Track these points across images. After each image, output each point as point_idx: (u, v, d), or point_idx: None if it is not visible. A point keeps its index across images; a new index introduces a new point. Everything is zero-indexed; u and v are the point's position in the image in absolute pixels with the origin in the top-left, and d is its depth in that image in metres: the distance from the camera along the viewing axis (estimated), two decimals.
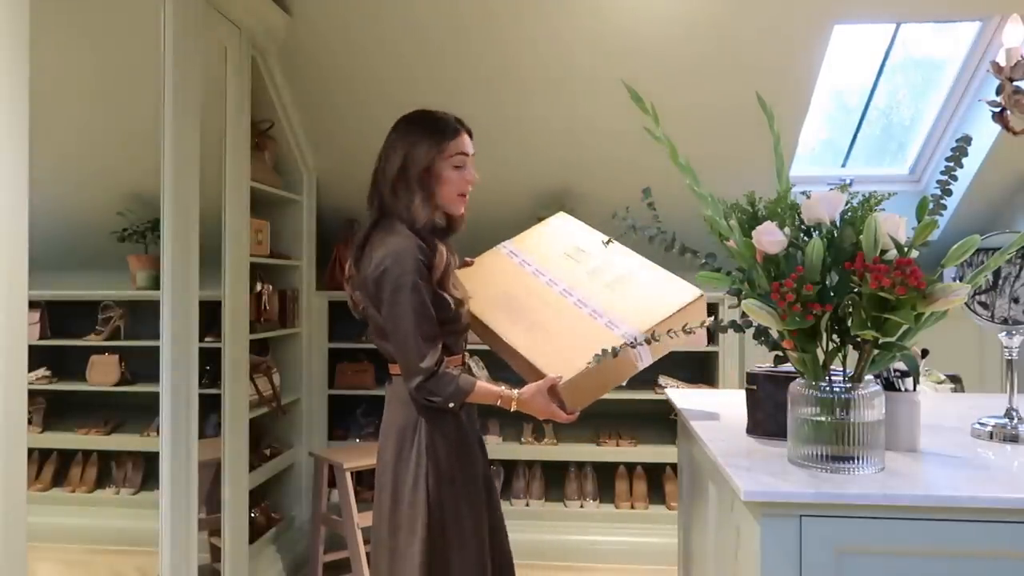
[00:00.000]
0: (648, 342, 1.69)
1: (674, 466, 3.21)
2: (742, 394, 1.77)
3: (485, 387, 1.88)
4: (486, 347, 2.12)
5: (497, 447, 3.68)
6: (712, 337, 3.67)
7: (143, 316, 2.71)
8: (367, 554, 3.14)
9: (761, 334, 1.47)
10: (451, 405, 1.85)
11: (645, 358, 1.91)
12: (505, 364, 2.05)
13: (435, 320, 1.83)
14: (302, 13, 3.02)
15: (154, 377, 2.31)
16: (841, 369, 1.41)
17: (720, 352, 3.65)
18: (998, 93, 1.62)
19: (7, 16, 1.64)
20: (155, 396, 2.31)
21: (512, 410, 1.88)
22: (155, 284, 2.35)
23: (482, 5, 2.92)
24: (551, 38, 3.03)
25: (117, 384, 2.75)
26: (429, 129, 1.92)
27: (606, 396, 2.13)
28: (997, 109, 1.62)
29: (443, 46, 3.09)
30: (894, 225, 1.35)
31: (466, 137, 1.96)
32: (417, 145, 1.90)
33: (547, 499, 3.76)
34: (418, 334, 1.80)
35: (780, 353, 1.48)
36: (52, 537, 2.43)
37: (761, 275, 1.41)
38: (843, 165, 3.83)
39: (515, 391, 1.88)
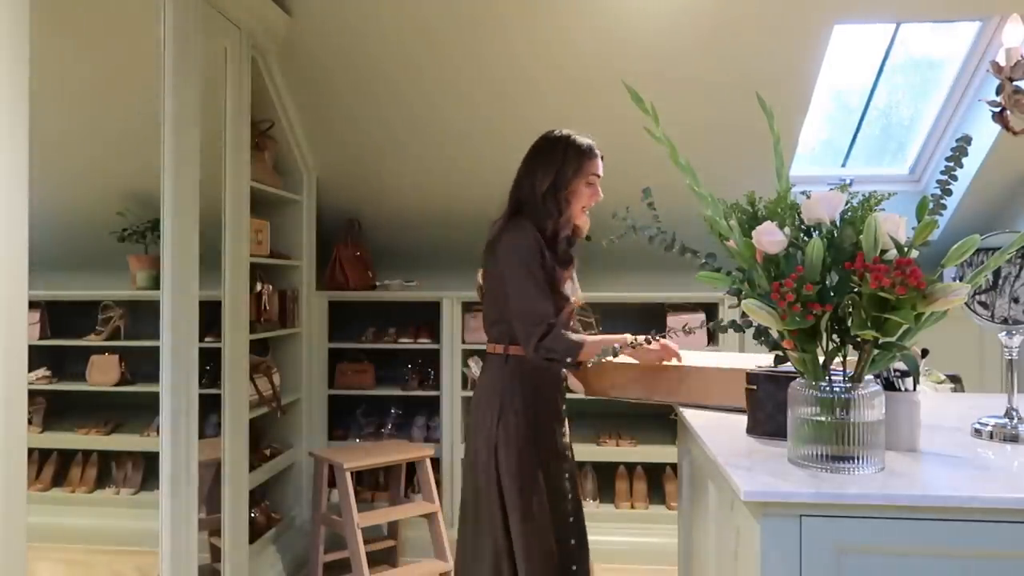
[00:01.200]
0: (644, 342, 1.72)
1: (674, 466, 3.21)
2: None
3: (596, 337, 2.12)
4: (484, 347, 2.17)
5: None
6: (712, 337, 3.67)
7: (143, 316, 2.71)
8: (367, 554, 3.15)
9: (761, 334, 1.47)
10: (569, 360, 2.08)
11: None
12: None
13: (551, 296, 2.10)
14: (302, 13, 3.02)
15: (154, 377, 2.31)
16: (841, 369, 1.41)
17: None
18: (998, 93, 1.62)
19: (7, 16, 1.64)
20: (155, 396, 2.31)
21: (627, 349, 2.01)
22: (155, 284, 2.35)
23: (481, 6, 2.93)
24: (553, 38, 3.04)
25: (117, 384, 2.75)
26: (575, 153, 2.20)
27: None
28: (997, 109, 1.63)
29: (443, 46, 3.09)
30: (894, 225, 1.35)
31: (599, 160, 2.23)
32: (566, 165, 2.18)
33: None
34: (539, 296, 2.08)
35: (780, 353, 1.48)
36: (52, 537, 2.43)
37: (761, 275, 1.41)
38: (843, 165, 3.83)
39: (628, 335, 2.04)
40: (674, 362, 2.06)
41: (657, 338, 1.86)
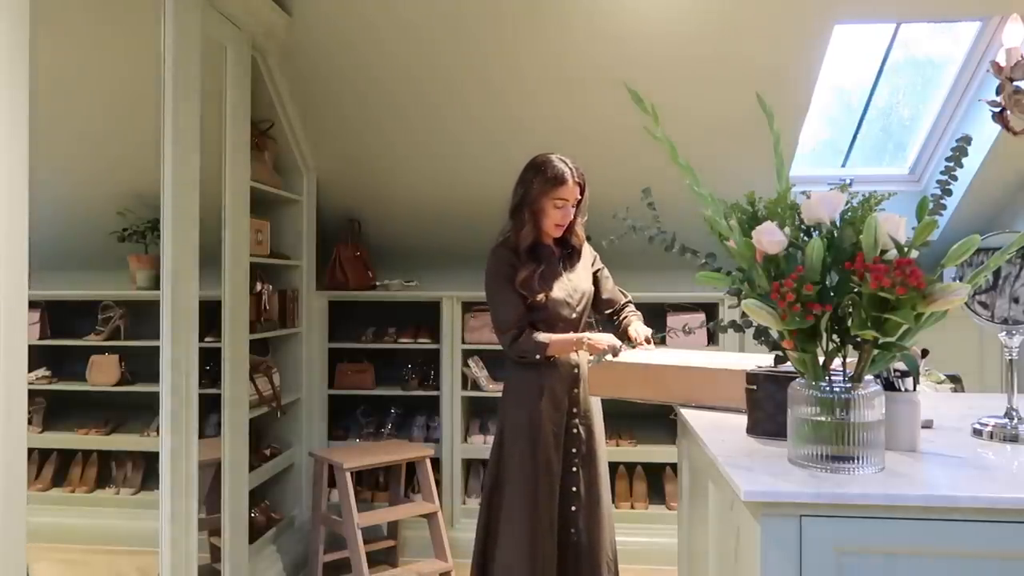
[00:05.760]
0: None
1: (674, 466, 3.21)
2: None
3: (559, 336, 2.43)
4: (484, 347, 2.18)
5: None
6: (712, 337, 3.67)
7: (143, 316, 2.71)
8: (367, 554, 3.15)
9: (761, 334, 1.47)
10: (538, 356, 2.42)
11: None
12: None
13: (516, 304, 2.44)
14: (302, 13, 3.02)
15: (154, 377, 2.31)
16: (841, 369, 1.41)
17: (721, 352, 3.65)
18: (998, 93, 1.62)
19: (7, 16, 1.64)
20: (155, 396, 2.31)
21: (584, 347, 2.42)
22: (155, 284, 2.35)
23: (482, 5, 2.92)
24: (552, 38, 3.03)
25: (117, 384, 2.75)
26: (543, 178, 2.44)
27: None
28: (997, 109, 1.63)
29: (443, 46, 3.09)
30: (894, 225, 1.34)
31: (569, 186, 2.45)
32: (533, 187, 2.45)
33: None
34: (504, 310, 2.45)
35: (780, 353, 1.48)
36: (52, 537, 2.43)
37: (761, 275, 1.41)
38: (843, 165, 3.83)
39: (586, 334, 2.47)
40: (629, 356, 2.24)
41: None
